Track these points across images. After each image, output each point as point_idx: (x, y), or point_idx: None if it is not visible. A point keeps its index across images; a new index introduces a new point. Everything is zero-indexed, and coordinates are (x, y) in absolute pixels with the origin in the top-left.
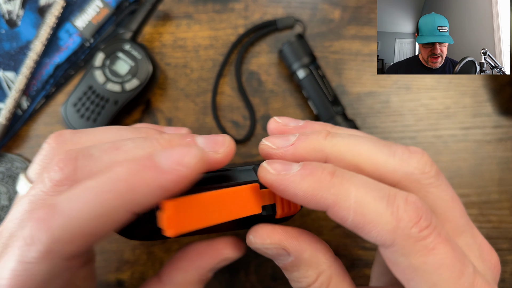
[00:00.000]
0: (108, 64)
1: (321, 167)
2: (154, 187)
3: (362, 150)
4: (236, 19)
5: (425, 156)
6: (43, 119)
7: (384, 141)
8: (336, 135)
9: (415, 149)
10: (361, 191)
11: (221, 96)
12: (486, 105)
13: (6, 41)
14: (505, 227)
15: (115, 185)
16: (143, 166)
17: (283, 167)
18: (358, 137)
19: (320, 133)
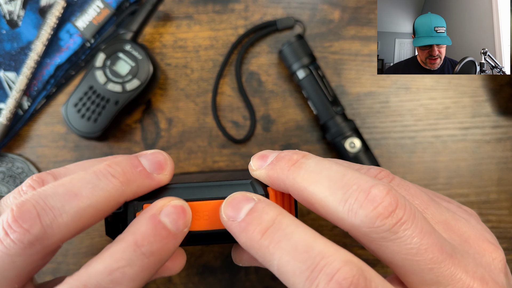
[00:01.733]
0: (109, 64)
1: (255, 223)
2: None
3: (317, 191)
4: (236, 19)
5: (380, 206)
6: (44, 119)
7: (349, 176)
8: (300, 167)
9: (374, 195)
10: (284, 260)
11: (221, 96)
12: (486, 105)
13: (7, 41)
14: (504, 227)
15: None
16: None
17: (233, 213)
18: (320, 173)
19: (287, 162)
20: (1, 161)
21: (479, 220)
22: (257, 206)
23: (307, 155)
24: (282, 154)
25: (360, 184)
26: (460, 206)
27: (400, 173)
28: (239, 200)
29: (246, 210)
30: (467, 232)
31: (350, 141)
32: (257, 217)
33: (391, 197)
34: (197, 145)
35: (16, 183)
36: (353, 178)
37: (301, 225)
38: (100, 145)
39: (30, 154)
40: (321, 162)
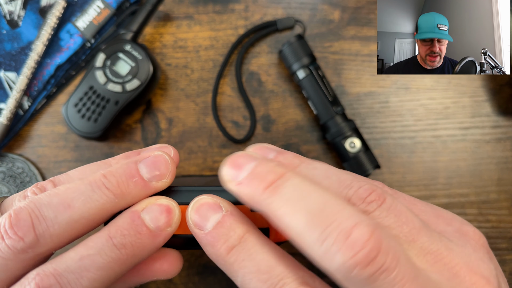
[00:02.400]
0: (109, 64)
1: (222, 240)
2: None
3: (293, 224)
4: (236, 19)
5: (361, 253)
6: (44, 119)
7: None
8: (276, 191)
9: (355, 239)
10: (247, 278)
11: (221, 96)
12: (485, 105)
13: (7, 41)
14: (504, 226)
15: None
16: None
17: (199, 221)
18: (298, 202)
19: (262, 182)
20: (2, 161)
21: (476, 247)
22: (224, 221)
23: (285, 175)
24: (258, 170)
25: (341, 222)
26: (460, 228)
27: (400, 173)
28: (207, 208)
29: (213, 222)
30: (459, 264)
31: (350, 141)
32: (224, 233)
33: (374, 241)
34: (197, 145)
35: (16, 183)
36: (334, 211)
37: (266, 245)
38: (100, 145)
39: (30, 154)
40: (301, 187)
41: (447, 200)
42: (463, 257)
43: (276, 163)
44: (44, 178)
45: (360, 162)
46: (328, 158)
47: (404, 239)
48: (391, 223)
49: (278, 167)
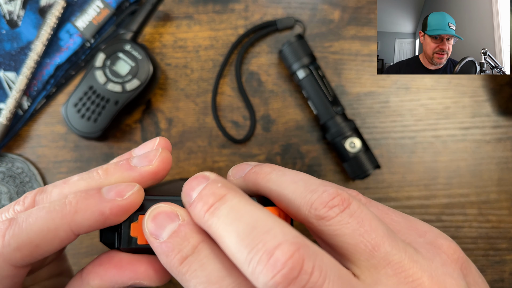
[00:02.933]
0: (109, 64)
1: (176, 250)
2: (95, 212)
3: (226, 245)
4: (236, 19)
5: (279, 274)
6: (44, 119)
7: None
8: (213, 214)
9: (276, 259)
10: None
11: (221, 96)
12: (486, 105)
13: (6, 41)
14: (504, 227)
15: (63, 206)
16: (89, 194)
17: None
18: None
19: (203, 206)
20: (1, 161)
21: (447, 261)
22: (179, 230)
23: (224, 197)
24: (203, 192)
25: (266, 242)
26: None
27: (400, 173)
28: (164, 217)
29: (169, 231)
30: (422, 278)
31: (350, 141)
32: (179, 243)
33: (295, 260)
34: (197, 145)
35: (16, 183)
36: (261, 232)
37: (219, 256)
38: (100, 145)
39: (30, 154)
40: (235, 210)
41: (447, 200)
42: (427, 270)
43: (222, 184)
44: (43, 178)
45: (360, 162)
46: (328, 158)
47: (365, 248)
48: (352, 230)
49: (221, 189)
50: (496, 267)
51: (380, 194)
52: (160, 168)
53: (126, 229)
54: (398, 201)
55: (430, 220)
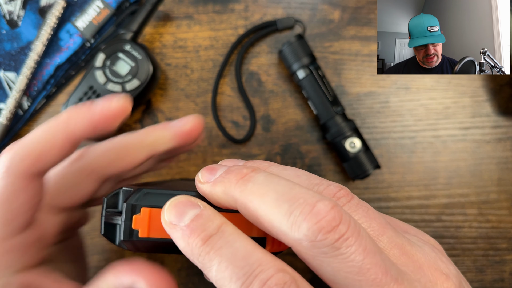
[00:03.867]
0: (109, 64)
1: (199, 230)
2: (87, 120)
3: (262, 205)
4: (236, 19)
5: (324, 220)
6: (44, 119)
7: (296, 190)
8: (248, 180)
9: (319, 209)
10: (223, 266)
11: (221, 97)
12: (485, 105)
13: (7, 41)
14: (504, 227)
15: (57, 118)
16: (80, 106)
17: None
18: (268, 186)
19: (236, 175)
20: None
21: (433, 249)
22: (202, 213)
23: (257, 169)
24: (232, 168)
25: (307, 198)
26: (417, 233)
27: (400, 173)
28: (184, 205)
29: (191, 216)
30: (421, 259)
31: (350, 141)
32: (203, 224)
33: (335, 212)
34: (197, 145)
35: None
36: (300, 192)
37: (242, 235)
38: None
39: None
40: (270, 176)
41: (447, 200)
42: (423, 254)
43: (248, 166)
44: None
45: (360, 162)
46: (328, 158)
47: (372, 233)
48: (360, 217)
49: (249, 166)
50: (496, 267)
51: (380, 194)
52: (193, 129)
53: (128, 222)
54: (398, 201)
55: (430, 220)
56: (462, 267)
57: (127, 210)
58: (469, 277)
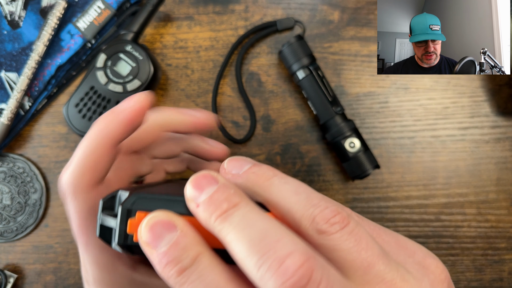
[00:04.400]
0: (110, 65)
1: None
2: (118, 121)
3: (236, 250)
4: (237, 20)
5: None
6: (45, 119)
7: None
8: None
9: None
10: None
11: (221, 97)
12: (484, 105)
13: (8, 42)
14: (503, 226)
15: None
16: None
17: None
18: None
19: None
20: (3, 161)
21: (435, 282)
22: (179, 241)
23: (238, 204)
24: (215, 196)
25: (277, 250)
26: (423, 261)
27: (400, 173)
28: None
29: (168, 242)
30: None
31: (350, 141)
32: (178, 256)
33: (305, 270)
34: None
35: (17, 183)
36: (273, 240)
37: (217, 266)
38: None
39: (31, 154)
40: (248, 216)
41: (446, 200)
42: None
43: (234, 191)
44: (44, 178)
45: (360, 162)
46: (328, 158)
47: (359, 266)
48: (350, 247)
49: (235, 196)
50: (495, 267)
51: (379, 193)
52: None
53: (123, 226)
54: (397, 200)
55: (429, 220)
56: (461, 266)
57: (123, 214)
58: (468, 276)
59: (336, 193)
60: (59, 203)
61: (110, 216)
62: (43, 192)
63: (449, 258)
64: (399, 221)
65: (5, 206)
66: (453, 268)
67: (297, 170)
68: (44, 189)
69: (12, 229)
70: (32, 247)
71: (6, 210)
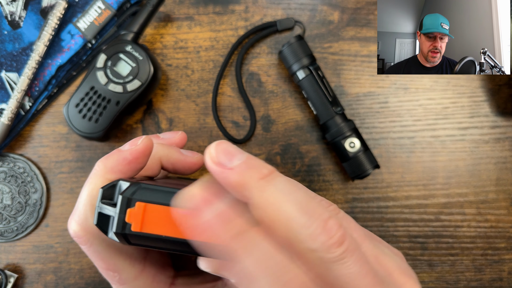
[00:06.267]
0: (110, 65)
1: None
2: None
3: (282, 212)
4: (237, 20)
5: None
6: (45, 119)
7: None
8: (270, 182)
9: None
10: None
11: (221, 97)
12: (484, 106)
13: (8, 42)
14: (503, 226)
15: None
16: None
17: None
18: (289, 194)
19: (257, 173)
20: (3, 161)
21: (403, 259)
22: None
23: (275, 171)
24: (252, 162)
25: (321, 213)
26: (388, 246)
27: (399, 173)
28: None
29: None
30: (392, 267)
31: (350, 141)
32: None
33: (342, 230)
34: (197, 145)
35: (17, 183)
36: (314, 206)
37: None
38: (102, 145)
39: (31, 154)
40: (289, 183)
41: (445, 199)
42: (394, 263)
43: (263, 161)
44: (45, 178)
45: (360, 162)
46: (328, 158)
47: None
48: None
49: (267, 165)
50: (495, 266)
51: (379, 193)
52: (181, 141)
53: (122, 214)
54: (397, 200)
55: (429, 220)
56: (461, 266)
57: (122, 203)
58: (468, 276)
59: (336, 193)
60: (59, 203)
61: (109, 205)
62: (43, 192)
63: (448, 258)
64: (398, 221)
65: (5, 206)
66: (452, 268)
67: (297, 170)
68: (45, 189)
69: (13, 229)
70: (32, 247)
71: (7, 210)
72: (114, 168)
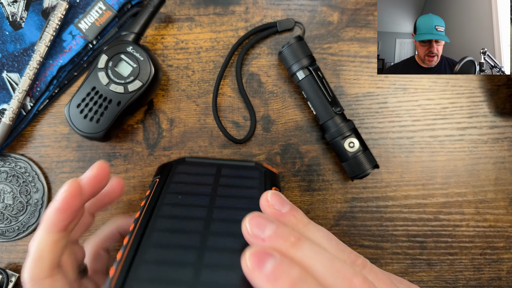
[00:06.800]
0: (111, 65)
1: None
2: (54, 210)
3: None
4: (237, 21)
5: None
6: (47, 119)
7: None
8: (298, 248)
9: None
10: None
11: (222, 97)
12: (483, 106)
13: (10, 42)
14: (502, 226)
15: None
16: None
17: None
18: (314, 257)
19: (287, 239)
20: (4, 161)
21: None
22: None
23: (301, 237)
24: (280, 231)
25: (345, 273)
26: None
27: (398, 172)
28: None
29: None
30: None
31: (349, 141)
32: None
33: (367, 286)
34: (198, 145)
35: (19, 183)
36: (340, 266)
37: None
38: (103, 145)
39: (33, 154)
40: (314, 248)
41: (444, 199)
42: None
43: (290, 229)
44: (46, 178)
45: (359, 162)
46: (327, 158)
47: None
48: (371, 278)
49: (294, 232)
50: (494, 266)
51: (378, 193)
52: (98, 173)
53: None
54: (396, 200)
55: (428, 219)
56: (460, 266)
57: None
58: (466, 275)
59: (336, 193)
60: None
61: None
62: (44, 192)
63: (447, 258)
64: (397, 221)
65: (7, 205)
66: (451, 267)
67: (297, 170)
68: (46, 189)
69: (14, 229)
70: None
71: (8, 209)
72: (52, 224)
